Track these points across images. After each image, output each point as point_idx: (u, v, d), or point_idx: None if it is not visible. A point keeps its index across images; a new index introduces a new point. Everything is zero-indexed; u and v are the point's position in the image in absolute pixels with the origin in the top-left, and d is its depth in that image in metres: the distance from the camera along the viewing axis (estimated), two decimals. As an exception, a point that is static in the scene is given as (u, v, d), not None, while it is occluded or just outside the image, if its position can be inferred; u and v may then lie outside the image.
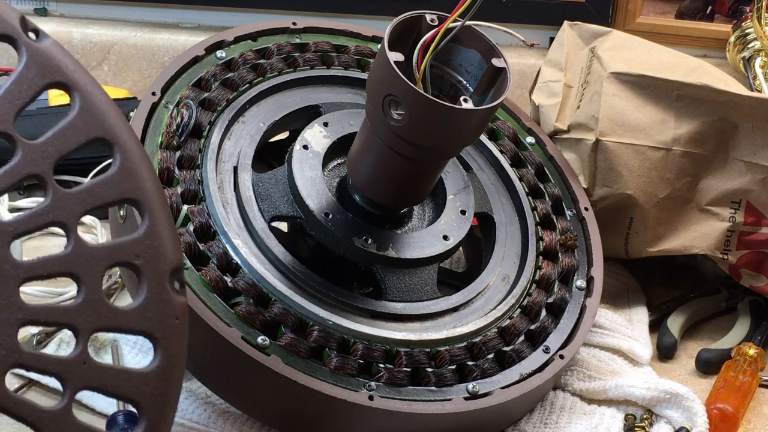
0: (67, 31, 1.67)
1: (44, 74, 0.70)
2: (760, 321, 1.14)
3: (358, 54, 1.10)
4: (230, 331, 0.86)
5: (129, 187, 0.71)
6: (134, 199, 0.72)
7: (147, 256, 0.71)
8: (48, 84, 0.70)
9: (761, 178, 1.10)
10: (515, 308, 0.99)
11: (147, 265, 0.71)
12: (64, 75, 0.71)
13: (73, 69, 0.71)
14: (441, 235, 0.99)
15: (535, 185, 1.10)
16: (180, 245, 0.74)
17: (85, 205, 0.70)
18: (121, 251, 0.71)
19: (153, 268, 0.71)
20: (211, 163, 0.95)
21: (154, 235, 0.72)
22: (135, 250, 0.71)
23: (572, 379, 1.03)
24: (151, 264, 0.71)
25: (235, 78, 1.02)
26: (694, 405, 0.97)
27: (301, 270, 0.93)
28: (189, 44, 1.13)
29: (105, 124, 0.71)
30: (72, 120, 0.70)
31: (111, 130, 0.71)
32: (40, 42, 0.70)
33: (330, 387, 0.86)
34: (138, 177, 0.72)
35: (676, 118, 1.12)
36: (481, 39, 0.90)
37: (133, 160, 0.72)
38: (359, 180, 0.95)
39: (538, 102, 1.22)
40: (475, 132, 0.90)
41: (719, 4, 1.50)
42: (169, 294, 0.72)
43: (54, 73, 0.70)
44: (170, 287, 0.72)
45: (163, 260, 0.72)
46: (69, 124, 0.70)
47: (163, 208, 0.73)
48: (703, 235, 1.13)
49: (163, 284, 0.71)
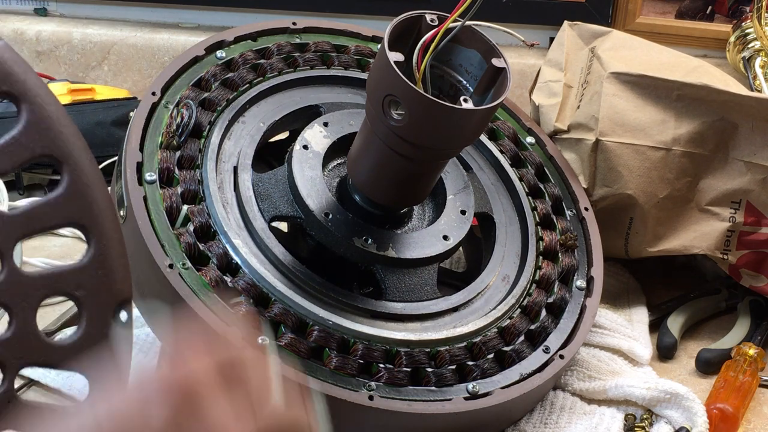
0: (67, 31, 1.67)
1: None
2: (760, 321, 1.14)
3: (358, 54, 1.10)
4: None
5: (75, 211, 0.65)
6: (80, 224, 0.65)
7: (90, 288, 0.65)
8: None
9: (761, 178, 1.10)
10: (515, 308, 0.99)
11: (89, 298, 0.65)
12: (11, 84, 0.64)
13: (24, 78, 0.64)
14: (441, 235, 0.99)
15: (535, 185, 1.10)
16: (130, 275, 0.67)
17: (23, 229, 0.64)
18: (61, 281, 0.65)
19: (96, 301, 0.65)
20: (211, 163, 0.95)
21: (100, 264, 0.65)
22: (77, 279, 0.65)
23: (572, 379, 1.03)
24: (94, 296, 0.65)
25: (235, 78, 1.02)
26: (694, 405, 0.96)
27: (301, 270, 0.93)
28: (189, 44, 1.13)
29: (55, 140, 0.64)
30: (16, 135, 0.63)
31: (61, 146, 0.64)
32: None
33: (330, 387, 0.86)
34: (86, 200, 0.65)
35: (676, 118, 1.12)
36: (481, 39, 0.90)
37: (83, 181, 0.65)
38: (359, 180, 0.95)
39: (538, 102, 1.21)
40: (475, 132, 0.90)
41: (719, 4, 1.50)
42: (112, 329, 0.66)
43: (1, 82, 0.63)
44: (114, 322, 0.66)
45: (109, 292, 0.66)
46: (12, 140, 0.63)
47: (114, 234, 0.66)
48: (703, 235, 1.13)
49: (105, 319, 0.66)
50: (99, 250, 0.65)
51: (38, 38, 1.67)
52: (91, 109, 1.43)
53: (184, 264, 0.89)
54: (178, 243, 0.90)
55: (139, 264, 0.87)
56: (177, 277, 0.87)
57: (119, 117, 1.43)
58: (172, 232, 0.91)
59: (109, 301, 0.66)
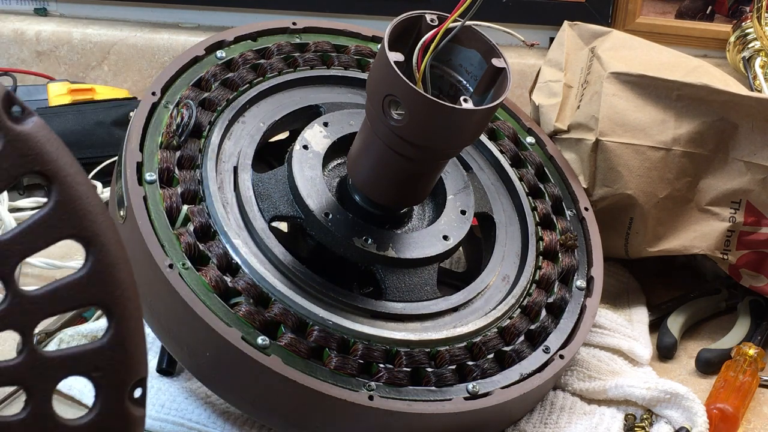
0: (67, 31, 1.67)
1: (22, 164, 0.62)
2: (760, 321, 1.14)
3: (358, 54, 1.10)
4: (230, 331, 0.86)
5: (99, 293, 0.64)
6: (103, 305, 0.65)
7: (108, 369, 0.65)
8: (23, 174, 0.62)
9: (761, 178, 1.10)
10: (515, 308, 0.99)
11: (106, 379, 0.65)
12: (43, 164, 0.62)
13: (56, 157, 0.63)
14: (441, 235, 0.99)
15: (535, 185, 1.10)
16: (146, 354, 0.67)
17: (45, 312, 0.63)
18: (80, 362, 0.64)
19: (113, 381, 0.65)
20: (211, 163, 0.95)
21: (120, 345, 0.65)
22: (96, 361, 0.64)
23: (572, 379, 1.03)
24: (112, 378, 0.65)
25: (235, 78, 1.02)
26: (694, 405, 0.97)
27: (301, 270, 0.93)
28: (189, 44, 1.13)
29: (83, 221, 0.63)
30: (45, 216, 0.63)
31: (88, 227, 0.64)
32: (22, 124, 0.62)
33: (330, 387, 0.86)
34: (111, 281, 0.64)
35: (676, 118, 1.12)
36: (481, 39, 0.90)
37: (107, 261, 0.64)
38: (359, 180, 0.95)
39: (538, 102, 1.21)
40: (475, 132, 0.90)
41: (719, 4, 1.50)
42: (126, 409, 0.66)
43: (33, 163, 0.62)
44: (129, 400, 0.66)
45: (126, 373, 0.65)
46: (41, 220, 0.63)
47: (135, 313, 0.66)
48: (703, 235, 1.13)
49: (121, 399, 0.65)
50: (119, 332, 0.65)
51: (38, 38, 1.67)
52: (91, 109, 1.43)
53: (184, 264, 0.89)
54: (178, 243, 0.90)
55: (139, 264, 0.87)
56: (177, 277, 0.87)
57: (119, 117, 1.43)
58: (172, 232, 0.91)
59: (125, 381, 0.66)
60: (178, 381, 1.00)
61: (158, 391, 0.98)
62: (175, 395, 0.97)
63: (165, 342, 0.94)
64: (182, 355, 0.92)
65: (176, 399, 0.97)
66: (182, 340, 0.90)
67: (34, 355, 0.63)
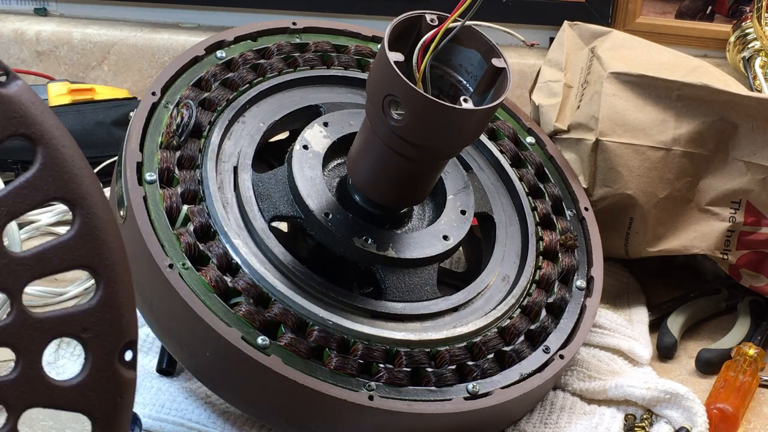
0: (67, 31, 1.67)
1: (6, 126, 0.62)
2: (760, 321, 1.14)
3: (358, 54, 1.10)
4: (230, 331, 0.86)
5: (86, 254, 0.64)
6: (90, 267, 0.65)
7: (97, 330, 0.65)
8: (8, 136, 0.62)
9: (761, 178, 1.10)
10: (515, 308, 0.99)
11: (95, 340, 0.65)
12: (28, 127, 0.62)
13: (41, 120, 0.63)
14: (441, 235, 0.99)
15: (535, 185, 1.10)
16: (137, 316, 0.68)
17: (33, 273, 0.63)
18: (68, 323, 0.64)
19: (102, 343, 0.65)
20: (211, 163, 0.95)
21: (108, 307, 0.65)
22: (84, 322, 0.64)
23: (572, 379, 1.03)
24: (101, 339, 0.65)
25: (235, 78, 1.02)
26: (694, 405, 0.97)
27: (301, 270, 0.93)
28: (189, 44, 1.13)
29: (68, 184, 0.64)
30: (30, 178, 0.63)
31: (74, 189, 0.64)
32: (6, 87, 0.62)
33: (330, 387, 0.86)
34: (97, 244, 0.64)
35: (676, 118, 1.12)
36: (481, 39, 0.90)
37: (94, 224, 0.64)
38: (359, 180, 0.95)
39: (538, 102, 1.21)
40: (475, 132, 0.90)
41: (719, 4, 1.50)
42: (116, 371, 0.66)
43: (17, 125, 0.62)
44: (119, 363, 0.66)
45: (115, 335, 0.65)
46: (27, 182, 0.62)
47: (123, 277, 0.66)
48: (703, 235, 1.13)
49: (111, 361, 0.65)
50: (108, 293, 0.65)
51: (38, 38, 1.67)
52: (91, 109, 1.43)
53: (184, 264, 0.89)
54: (178, 243, 0.90)
55: (139, 264, 0.87)
56: (177, 277, 0.87)
57: (119, 117, 1.42)
58: (172, 232, 0.91)
59: (114, 343, 0.66)
60: (178, 381, 1.00)
61: (158, 391, 0.98)
62: (175, 395, 0.97)
63: (165, 342, 0.94)
64: (182, 355, 0.92)
65: (176, 399, 0.97)
66: (182, 340, 0.90)
67: (22, 316, 0.63)
